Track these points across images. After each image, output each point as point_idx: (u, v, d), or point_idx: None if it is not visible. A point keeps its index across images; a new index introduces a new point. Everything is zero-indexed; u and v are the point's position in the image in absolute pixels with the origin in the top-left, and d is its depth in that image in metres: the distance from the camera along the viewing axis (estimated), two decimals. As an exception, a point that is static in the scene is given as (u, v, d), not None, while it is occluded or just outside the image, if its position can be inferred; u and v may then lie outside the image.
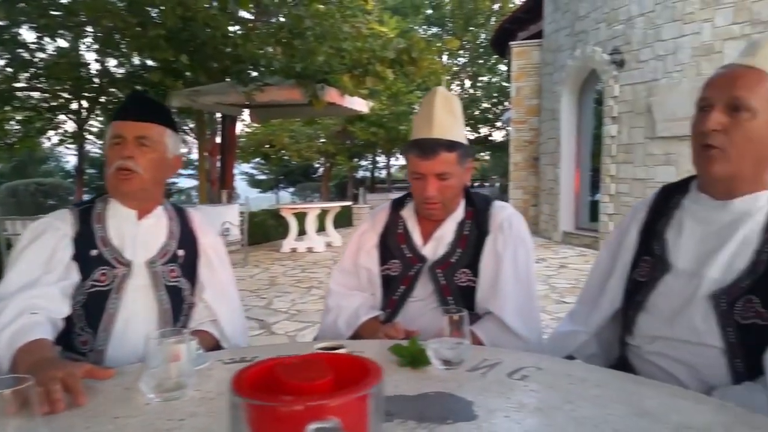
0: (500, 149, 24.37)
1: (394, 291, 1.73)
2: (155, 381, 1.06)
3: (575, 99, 10.69)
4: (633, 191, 8.63)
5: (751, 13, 7.16)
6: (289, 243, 9.78)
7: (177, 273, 1.59)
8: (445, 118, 1.63)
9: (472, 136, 27.62)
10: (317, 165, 30.11)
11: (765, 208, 1.22)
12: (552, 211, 11.15)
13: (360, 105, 9.75)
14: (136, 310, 1.52)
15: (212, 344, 1.60)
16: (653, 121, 8.29)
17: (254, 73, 8.72)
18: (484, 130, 27.79)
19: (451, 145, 1.61)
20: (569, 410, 1.00)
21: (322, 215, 10.46)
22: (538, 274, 7.12)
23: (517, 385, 1.13)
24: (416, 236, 1.75)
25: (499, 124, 26.18)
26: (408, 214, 1.79)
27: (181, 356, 1.09)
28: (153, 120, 1.55)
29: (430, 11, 27.64)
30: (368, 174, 30.97)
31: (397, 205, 1.83)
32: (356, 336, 1.68)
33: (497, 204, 1.77)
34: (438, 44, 9.18)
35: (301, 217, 9.90)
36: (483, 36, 26.28)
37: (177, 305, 1.57)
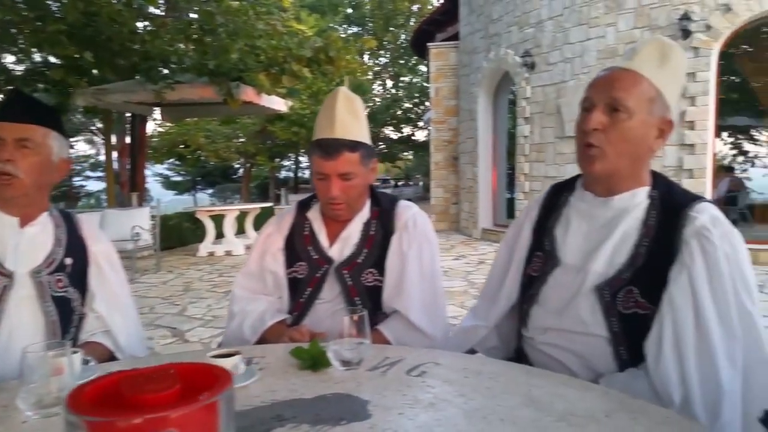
0: (423, 149, 24.72)
1: (301, 293, 1.71)
2: (34, 397, 1.00)
3: (491, 100, 11.04)
4: (545, 189, 8.98)
5: (649, 19, 7.66)
6: (206, 247, 9.47)
7: (65, 282, 1.50)
8: (348, 118, 1.63)
9: (395, 135, 27.91)
10: (237, 165, 29.45)
11: (643, 204, 1.30)
12: (471, 209, 11.45)
13: (278, 104, 9.64)
14: (20, 323, 1.43)
15: (106, 356, 1.52)
16: (562, 121, 8.69)
17: (165, 71, 8.40)
18: (406, 130, 28.14)
19: (353, 146, 1.61)
20: (461, 403, 1.03)
21: (242, 217, 10.21)
22: (459, 271, 7.28)
23: (414, 381, 1.15)
24: (322, 237, 1.74)
25: (421, 123, 26.58)
26: (314, 215, 1.78)
27: (64, 369, 1.03)
28: (35, 121, 1.46)
29: (350, 10, 27.67)
30: (291, 174, 30.61)
31: (303, 207, 1.81)
32: (262, 341, 1.65)
33: (402, 203, 1.79)
34: (356, 44, 9.14)
35: (219, 219, 9.60)
36: (403, 36, 26.59)
37: (66, 316, 1.49)
